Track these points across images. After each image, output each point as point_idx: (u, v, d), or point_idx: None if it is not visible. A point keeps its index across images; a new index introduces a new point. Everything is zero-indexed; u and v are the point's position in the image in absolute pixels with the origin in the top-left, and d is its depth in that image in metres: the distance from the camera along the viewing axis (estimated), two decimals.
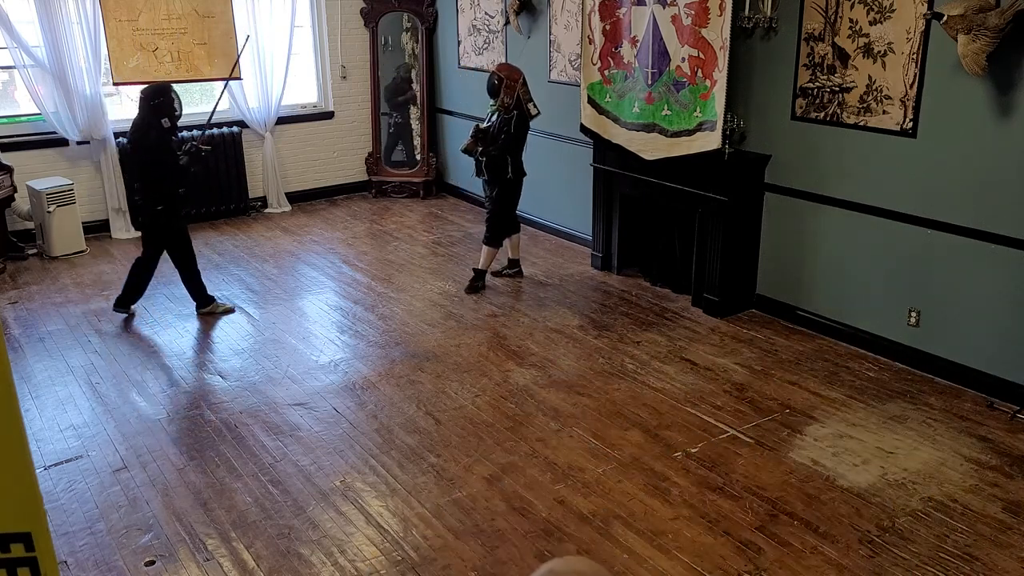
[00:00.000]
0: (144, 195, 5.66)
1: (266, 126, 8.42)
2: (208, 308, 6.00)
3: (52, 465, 4.18)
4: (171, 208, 5.66)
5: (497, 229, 6.38)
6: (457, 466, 4.14)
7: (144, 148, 5.53)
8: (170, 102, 5.49)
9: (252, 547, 3.57)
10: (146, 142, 5.50)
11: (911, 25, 4.69)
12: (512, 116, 6.10)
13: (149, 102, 5.47)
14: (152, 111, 5.46)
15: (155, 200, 5.59)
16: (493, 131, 6.17)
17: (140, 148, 5.57)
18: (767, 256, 5.83)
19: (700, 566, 3.42)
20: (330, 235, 7.85)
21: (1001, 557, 3.46)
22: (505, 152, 6.15)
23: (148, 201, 5.63)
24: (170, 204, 5.64)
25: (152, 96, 5.50)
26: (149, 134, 5.48)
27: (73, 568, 3.46)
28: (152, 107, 5.46)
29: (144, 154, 5.56)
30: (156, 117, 5.45)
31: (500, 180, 6.26)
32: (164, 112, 5.46)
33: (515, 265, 6.69)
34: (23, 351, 5.46)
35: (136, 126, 5.57)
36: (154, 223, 5.71)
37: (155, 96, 5.49)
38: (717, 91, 5.50)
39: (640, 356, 5.29)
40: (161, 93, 5.51)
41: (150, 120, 5.46)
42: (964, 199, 4.65)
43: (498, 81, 6.10)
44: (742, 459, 4.17)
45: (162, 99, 5.47)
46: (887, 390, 4.83)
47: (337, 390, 4.92)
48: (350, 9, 8.74)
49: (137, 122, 5.56)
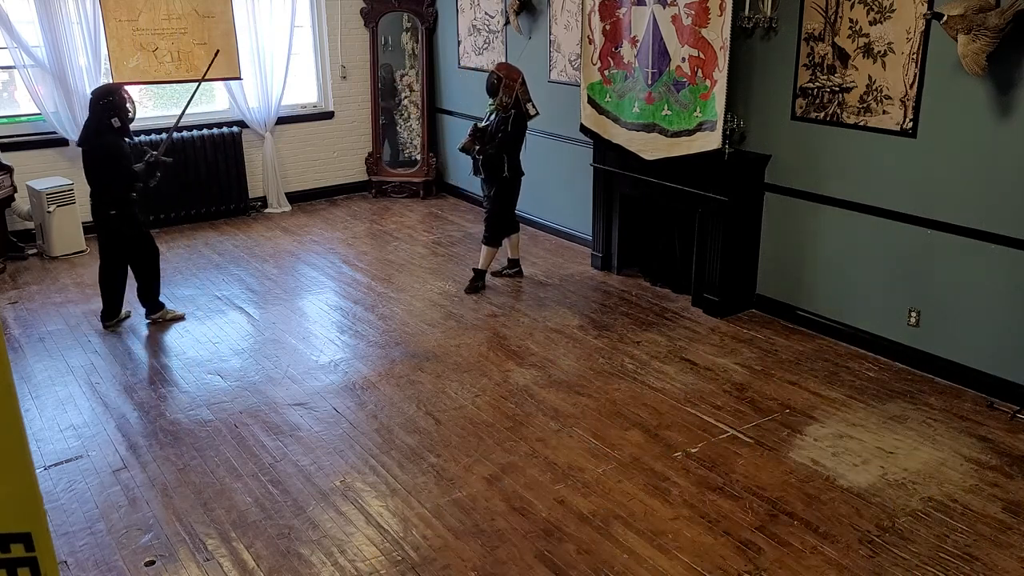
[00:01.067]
0: (96, 199, 5.47)
1: (266, 126, 8.42)
2: (158, 314, 5.85)
3: (52, 465, 4.18)
4: (124, 213, 5.47)
5: (496, 229, 6.38)
6: (457, 466, 4.14)
7: (94, 149, 5.37)
8: (121, 102, 5.35)
9: (252, 547, 3.57)
10: (96, 143, 5.35)
11: (911, 25, 4.69)
12: (510, 115, 6.10)
13: (99, 101, 5.33)
14: (102, 111, 5.31)
15: (107, 204, 5.43)
16: (491, 130, 6.17)
17: (90, 149, 5.39)
18: (767, 256, 5.83)
19: (700, 566, 3.42)
20: (330, 235, 7.85)
21: (1001, 557, 3.46)
22: (502, 151, 6.15)
23: (100, 205, 5.45)
24: (122, 208, 5.45)
25: (102, 96, 5.37)
26: (100, 135, 5.34)
27: (73, 568, 3.46)
28: (102, 107, 5.32)
29: (94, 156, 5.38)
30: (106, 117, 5.31)
31: (497, 179, 6.26)
32: (114, 112, 5.32)
33: (515, 265, 6.69)
34: (23, 351, 5.46)
35: (86, 126, 5.44)
36: (107, 228, 5.52)
37: (105, 95, 5.36)
38: (717, 91, 5.50)
39: (640, 356, 5.29)
40: (111, 93, 5.39)
41: (100, 120, 5.32)
42: (964, 199, 4.65)
43: (497, 80, 6.10)
44: (742, 459, 4.17)
45: (112, 98, 5.34)
46: (887, 390, 4.83)
47: (337, 390, 4.92)
48: (350, 9, 8.75)
49: (87, 123, 5.43)
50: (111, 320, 5.76)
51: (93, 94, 5.45)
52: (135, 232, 5.60)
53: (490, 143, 6.16)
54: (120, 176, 5.42)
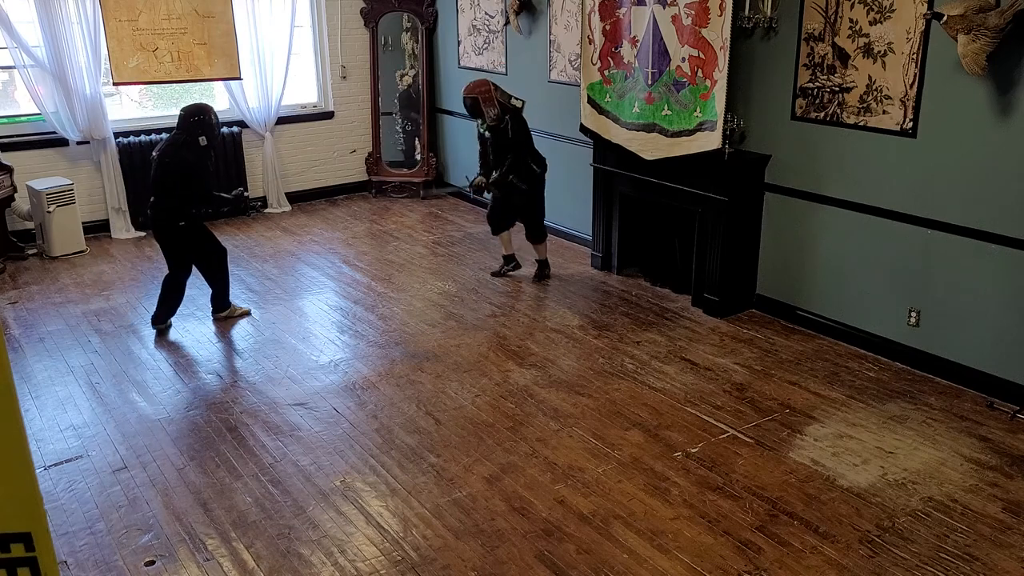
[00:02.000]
0: (163, 210, 5.51)
1: (266, 126, 8.42)
2: (226, 312, 5.95)
3: (52, 465, 4.18)
4: (193, 224, 5.58)
5: (543, 225, 6.56)
6: (457, 466, 4.14)
7: (175, 162, 5.43)
8: (210, 121, 5.51)
9: (252, 547, 3.57)
10: (178, 157, 5.43)
11: (911, 25, 4.69)
12: (507, 124, 6.12)
13: (191, 118, 5.48)
14: (192, 127, 5.46)
15: (176, 215, 5.49)
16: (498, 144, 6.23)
17: (170, 162, 5.45)
18: (767, 256, 5.83)
19: (700, 566, 3.42)
20: (330, 235, 7.85)
21: (1001, 557, 3.46)
22: (524, 156, 6.24)
23: (168, 216, 5.50)
24: (192, 220, 5.56)
25: (195, 113, 5.51)
26: (183, 149, 5.44)
27: (73, 568, 3.46)
28: (193, 124, 5.46)
29: (174, 169, 5.44)
30: (194, 135, 5.45)
31: (530, 179, 6.33)
32: (204, 131, 5.47)
33: (511, 260, 6.69)
34: (23, 351, 5.46)
35: (170, 142, 5.53)
36: (176, 239, 5.58)
37: (197, 113, 5.51)
38: (717, 91, 5.50)
39: (640, 356, 5.29)
40: (204, 112, 5.53)
41: (187, 138, 5.45)
42: (964, 199, 4.65)
43: (474, 102, 6.14)
44: (742, 459, 4.17)
45: (202, 117, 5.49)
46: (887, 390, 4.83)
47: (337, 390, 4.92)
48: (350, 9, 8.75)
49: (173, 139, 5.53)
50: (164, 323, 5.76)
51: (185, 110, 5.55)
52: (206, 238, 5.72)
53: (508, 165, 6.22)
54: (197, 193, 5.51)
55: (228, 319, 5.92)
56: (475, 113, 6.20)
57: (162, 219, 5.53)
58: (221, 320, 5.92)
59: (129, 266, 7.05)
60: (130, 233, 7.79)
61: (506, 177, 6.24)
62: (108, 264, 7.11)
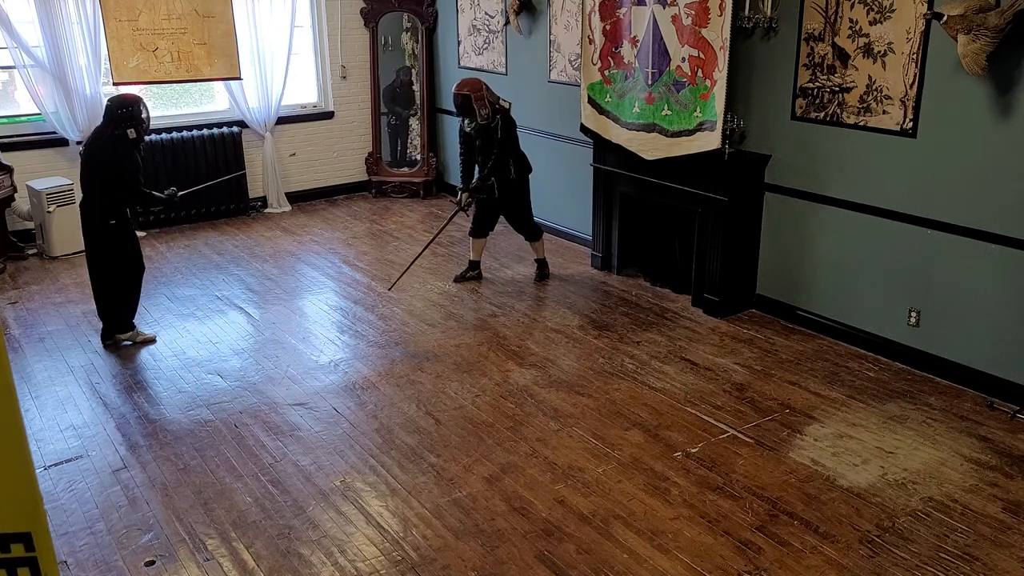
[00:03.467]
0: (94, 207, 5.26)
1: (266, 126, 8.42)
2: (128, 335, 5.52)
3: (52, 465, 4.18)
4: (123, 223, 5.30)
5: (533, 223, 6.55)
6: (457, 466, 4.14)
7: (104, 158, 5.20)
8: (138, 113, 5.23)
9: (252, 547, 3.57)
10: (107, 151, 5.19)
11: (911, 25, 4.69)
12: (496, 123, 6.14)
13: (117, 111, 5.21)
14: (119, 120, 5.18)
15: (107, 213, 5.24)
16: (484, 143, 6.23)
17: (99, 157, 5.22)
18: (767, 256, 5.83)
19: (700, 566, 3.42)
20: (330, 235, 7.85)
21: (1001, 557, 3.46)
22: (507, 156, 6.21)
23: (99, 213, 5.25)
24: (122, 219, 5.29)
25: (121, 105, 5.23)
26: (112, 144, 5.19)
27: (73, 568, 3.46)
28: (120, 116, 5.19)
29: (102, 164, 5.20)
30: (123, 127, 5.18)
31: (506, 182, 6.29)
32: (132, 123, 5.20)
33: (476, 267, 6.69)
34: (23, 351, 5.46)
35: (98, 134, 5.29)
36: (104, 237, 5.29)
37: (124, 105, 5.23)
38: (717, 91, 5.50)
39: (640, 356, 5.29)
40: (130, 103, 5.26)
41: (115, 130, 5.18)
42: (964, 199, 4.65)
43: (465, 99, 6.12)
44: (742, 459, 4.17)
45: (131, 109, 5.22)
46: (887, 390, 4.83)
47: (337, 390, 4.92)
48: (350, 9, 8.75)
49: (100, 130, 5.29)
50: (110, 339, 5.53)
51: (111, 102, 5.32)
52: (131, 244, 5.43)
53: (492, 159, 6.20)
54: (128, 188, 5.28)
55: (130, 346, 5.48)
56: (465, 111, 6.18)
57: (92, 218, 5.28)
58: (110, 348, 5.46)
59: None
60: None
61: (487, 180, 6.25)
62: None
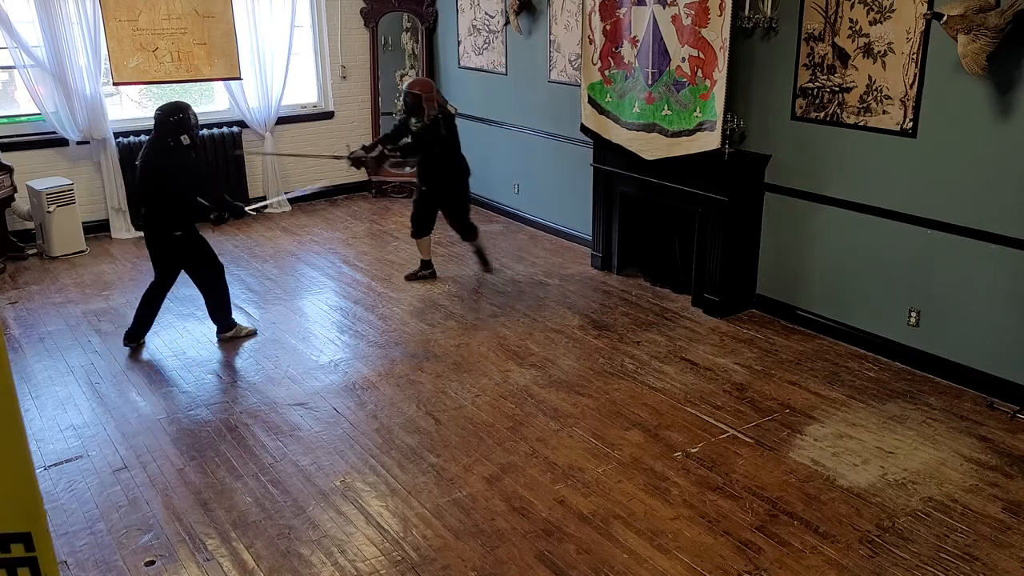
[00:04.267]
0: (157, 217, 5.24)
1: (266, 126, 8.42)
2: (231, 332, 5.61)
3: (52, 465, 4.18)
4: (189, 231, 5.30)
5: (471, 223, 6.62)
6: (457, 466, 4.14)
7: (162, 166, 5.17)
8: (188, 119, 5.22)
9: (252, 547, 3.57)
10: (163, 159, 5.17)
11: (911, 25, 4.69)
12: (440, 124, 6.25)
13: (169, 118, 5.17)
14: (173, 127, 5.15)
15: (171, 224, 5.22)
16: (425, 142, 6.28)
17: (157, 166, 5.18)
18: (767, 256, 5.83)
19: (700, 566, 3.42)
20: (330, 235, 7.85)
21: (1001, 557, 3.46)
22: (449, 155, 6.35)
23: (163, 224, 5.23)
24: (188, 228, 5.28)
25: (173, 112, 5.20)
26: (167, 152, 5.17)
27: (73, 568, 3.46)
28: (172, 123, 5.16)
29: (162, 172, 5.16)
30: (177, 134, 5.15)
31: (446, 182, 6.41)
32: (184, 129, 5.19)
33: (429, 266, 6.72)
34: (23, 351, 5.46)
35: (151, 143, 5.25)
36: (172, 249, 5.32)
37: (176, 112, 5.20)
38: (717, 91, 5.50)
39: (640, 356, 5.29)
40: (182, 110, 5.22)
41: (170, 137, 5.16)
42: (964, 199, 4.65)
43: (416, 99, 6.23)
44: (742, 459, 4.17)
45: (181, 115, 5.19)
46: (887, 390, 4.83)
47: (337, 390, 4.92)
48: (350, 9, 8.75)
49: (153, 140, 5.24)
50: (137, 341, 5.52)
51: (161, 111, 5.22)
52: (204, 249, 5.41)
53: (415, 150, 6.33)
54: (190, 192, 5.24)
55: (234, 340, 5.57)
56: (414, 110, 6.27)
57: (156, 227, 5.26)
58: (227, 341, 5.56)
59: (129, 266, 7.05)
60: (130, 233, 7.78)
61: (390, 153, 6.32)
62: (108, 264, 7.11)
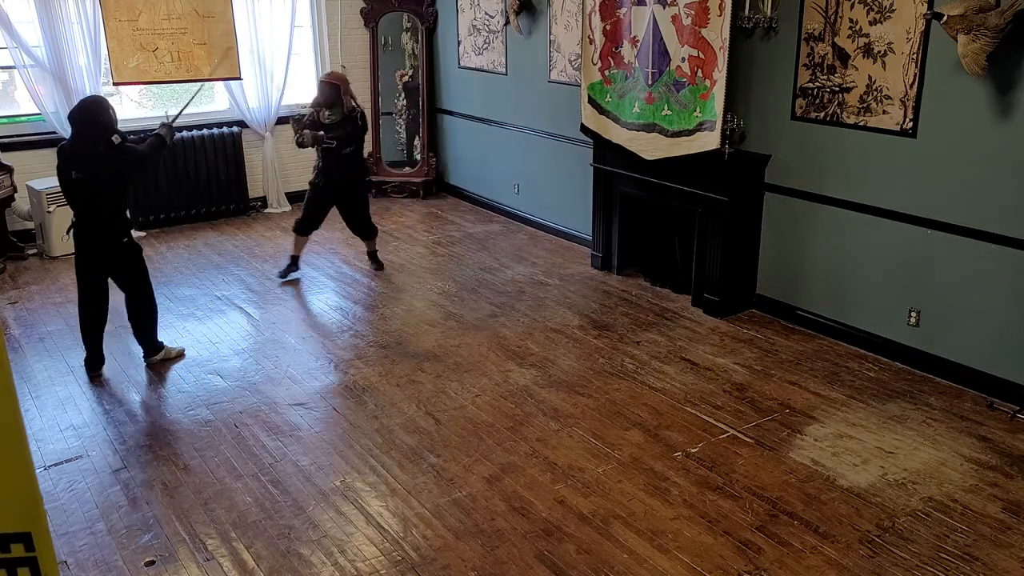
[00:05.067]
0: (102, 227, 4.89)
1: (266, 126, 8.42)
2: (161, 355, 5.29)
3: (52, 465, 4.18)
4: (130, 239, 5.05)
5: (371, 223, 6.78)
6: (457, 466, 4.14)
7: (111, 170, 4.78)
8: (112, 116, 4.78)
9: (252, 547, 3.57)
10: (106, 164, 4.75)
11: (911, 25, 4.69)
12: (356, 114, 6.39)
13: (94, 123, 4.70)
14: (101, 133, 4.71)
15: (118, 231, 4.95)
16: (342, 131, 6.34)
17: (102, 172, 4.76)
18: (767, 256, 5.83)
19: (700, 566, 3.42)
20: (330, 235, 7.84)
21: (1001, 557, 3.46)
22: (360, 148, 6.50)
23: (110, 233, 4.92)
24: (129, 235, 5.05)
25: (93, 117, 4.72)
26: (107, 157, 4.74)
27: (73, 568, 3.46)
28: (100, 128, 4.71)
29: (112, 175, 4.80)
30: (107, 137, 4.71)
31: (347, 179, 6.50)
32: (112, 129, 4.74)
33: (296, 261, 6.77)
34: (23, 351, 5.46)
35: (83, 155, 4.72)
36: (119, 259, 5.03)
37: (96, 116, 4.72)
38: (717, 91, 5.50)
39: (640, 356, 5.29)
40: (101, 112, 4.74)
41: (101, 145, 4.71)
42: (964, 199, 4.65)
43: (333, 89, 6.32)
44: (742, 459, 4.17)
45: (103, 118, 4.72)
46: (887, 390, 4.83)
47: (337, 390, 4.92)
48: (350, 9, 8.75)
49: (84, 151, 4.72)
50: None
51: (80, 115, 4.76)
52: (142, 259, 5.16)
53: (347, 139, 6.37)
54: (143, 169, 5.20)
55: (164, 362, 5.27)
56: (330, 100, 6.32)
57: (101, 243, 4.93)
58: (156, 364, 5.24)
59: None
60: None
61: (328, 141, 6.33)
62: None
